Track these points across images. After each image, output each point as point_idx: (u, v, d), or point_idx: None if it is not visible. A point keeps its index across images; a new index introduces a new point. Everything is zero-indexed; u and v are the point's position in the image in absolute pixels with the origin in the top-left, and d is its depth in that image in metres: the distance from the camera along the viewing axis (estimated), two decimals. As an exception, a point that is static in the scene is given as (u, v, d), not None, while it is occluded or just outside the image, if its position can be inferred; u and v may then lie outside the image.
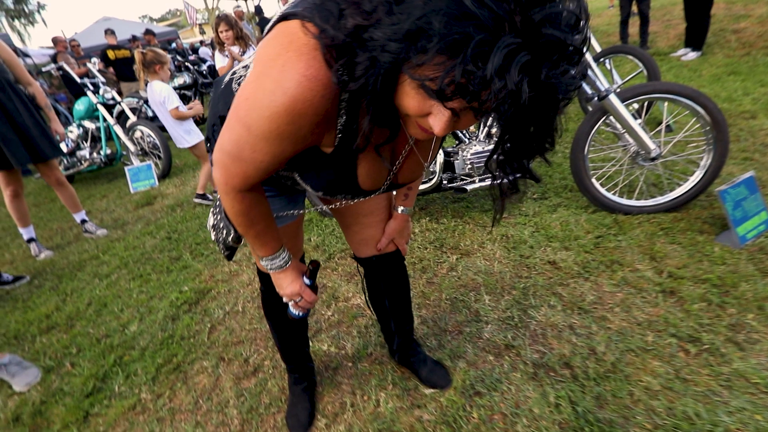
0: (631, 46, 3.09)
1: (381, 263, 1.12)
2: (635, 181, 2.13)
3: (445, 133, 0.53)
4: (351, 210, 1.01)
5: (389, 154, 0.77)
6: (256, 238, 0.79)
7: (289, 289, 0.87)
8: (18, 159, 2.44)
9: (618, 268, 1.62)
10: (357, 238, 1.08)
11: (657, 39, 5.55)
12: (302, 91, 0.52)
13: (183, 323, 1.80)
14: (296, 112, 0.54)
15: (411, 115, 0.54)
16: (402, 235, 1.08)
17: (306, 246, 2.23)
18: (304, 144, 0.62)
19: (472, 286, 1.68)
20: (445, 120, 0.50)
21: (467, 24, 0.39)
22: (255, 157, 0.61)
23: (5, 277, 2.51)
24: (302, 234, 1.06)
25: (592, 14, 8.75)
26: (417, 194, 2.13)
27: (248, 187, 0.69)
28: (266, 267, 0.85)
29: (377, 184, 0.79)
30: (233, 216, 0.74)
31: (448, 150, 2.09)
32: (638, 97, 1.80)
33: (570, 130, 3.16)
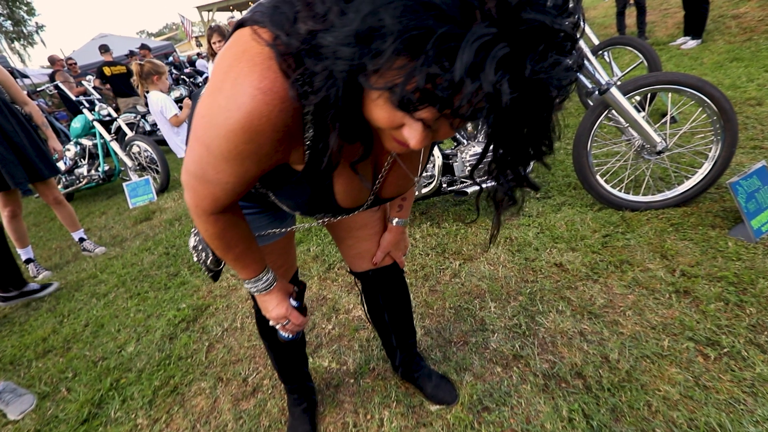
0: (629, 37, 3.02)
1: (378, 277, 1.06)
2: (641, 175, 2.06)
3: (424, 145, 0.46)
4: (343, 223, 0.96)
5: (371, 168, 0.71)
6: (235, 261, 0.74)
7: (274, 312, 0.81)
8: (15, 179, 2.42)
9: (628, 268, 1.55)
10: (351, 252, 1.02)
11: (655, 29, 5.48)
12: (257, 106, 0.47)
13: (180, 342, 1.75)
14: (253, 129, 0.48)
15: (382, 128, 0.48)
16: (398, 247, 1.02)
17: (305, 257, 2.18)
18: (269, 162, 0.56)
19: (477, 292, 1.62)
20: (421, 132, 0.44)
21: (426, 16, 0.32)
22: (219, 177, 0.56)
23: (32, 286, 2.50)
24: (294, 250, 1.00)
25: (587, 7, 8.70)
26: (416, 199, 2.07)
27: (220, 208, 0.64)
28: (250, 290, 0.80)
29: (359, 200, 0.73)
30: (208, 239, 0.69)
31: (447, 152, 2.03)
32: (640, 89, 1.74)
33: (571, 125, 3.09)
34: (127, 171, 4.25)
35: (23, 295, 2.46)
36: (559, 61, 0.36)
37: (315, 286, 1.91)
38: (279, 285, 0.82)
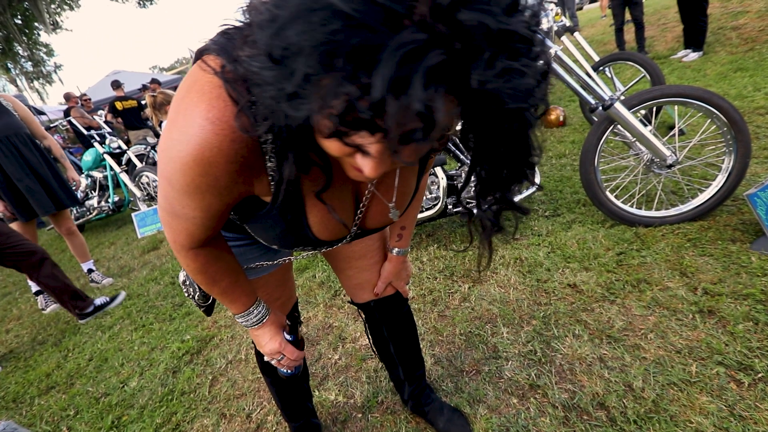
0: (630, 52, 3.03)
1: (381, 308, 1.01)
2: (653, 190, 2.00)
3: (379, 173, 0.41)
4: (341, 254, 0.92)
5: (351, 197, 0.65)
6: (222, 296, 0.71)
7: (268, 347, 0.77)
8: (44, 208, 2.58)
9: (646, 287, 1.48)
10: (351, 283, 0.98)
11: (655, 43, 5.51)
12: (206, 137, 0.44)
13: (184, 376, 1.70)
14: (205, 161, 0.46)
15: (335, 155, 0.43)
16: (400, 277, 0.97)
17: (310, 283, 2.13)
18: (232, 195, 0.53)
19: (488, 317, 1.55)
20: (371, 160, 0.40)
21: (338, 26, 0.27)
22: (186, 212, 0.54)
23: (101, 300, 2.53)
24: (292, 281, 0.96)
25: (585, 25, 8.83)
26: (422, 221, 2.04)
27: (197, 243, 0.61)
28: (242, 324, 0.76)
29: (339, 232, 0.67)
30: (191, 274, 0.66)
31: (451, 173, 2.01)
32: (645, 103, 1.71)
33: (577, 141, 3.07)
34: (136, 201, 4.31)
35: (97, 309, 2.51)
36: (511, 67, 0.30)
37: (321, 314, 1.86)
38: (272, 318, 0.78)
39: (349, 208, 0.66)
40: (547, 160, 2.89)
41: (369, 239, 0.92)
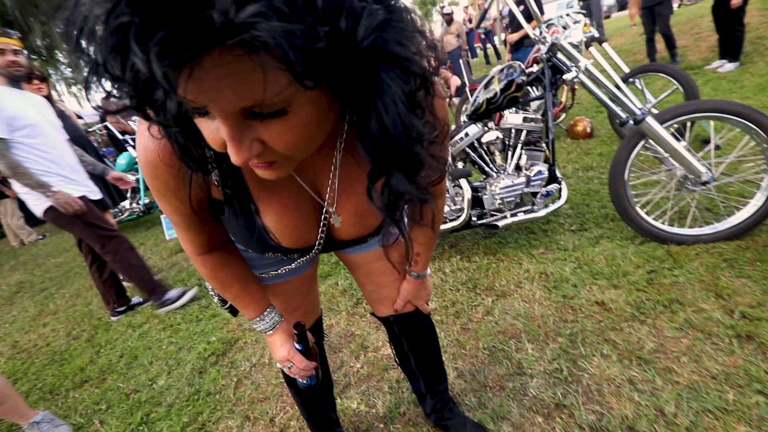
0: (661, 63, 2.96)
1: (401, 323, 1.02)
2: (686, 207, 1.94)
3: (246, 159, 0.38)
4: (362, 268, 0.93)
5: (310, 204, 0.62)
6: (234, 300, 0.75)
7: (278, 354, 0.79)
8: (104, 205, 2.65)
9: (678, 308, 1.44)
10: (372, 297, 0.99)
11: (688, 53, 5.35)
12: (146, 142, 0.50)
13: (210, 377, 1.75)
14: (150, 164, 0.51)
15: (215, 148, 0.40)
16: (419, 296, 0.96)
17: (333, 290, 2.16)
18: (187, 197, 0.55)
19: (512, 332, 1.54)
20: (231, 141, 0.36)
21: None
22: (171, 218, 0.60)
23: (135, 300, 2.68)
24: (315, 293, 0.97)
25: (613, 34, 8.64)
26: (446, 232, 2.04)
27: (201, 249, 0.67)
28: (256, 329, 0.79)
29: (300, 239, 0.65)
30: (205, 279, 0.71)
31: (476, 185, 2.00)
32: (679, 118, 1.67)
33: (604, 154, 3.01)
34: (166, 203, 4.47)
35: (130, 308, 2.64)
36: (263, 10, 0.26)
37: (343, 321, 1.88)
38: (284, 326, 0.80)
39: (309, 215, 0.64)
40: (574, 172, 2.84)
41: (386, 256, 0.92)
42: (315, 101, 0.37)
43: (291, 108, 0.36)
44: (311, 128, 0.39)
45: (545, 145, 1.89)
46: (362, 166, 0.57)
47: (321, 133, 0.42)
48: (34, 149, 2.07)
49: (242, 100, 0.33)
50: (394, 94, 0.36)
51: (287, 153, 0.39)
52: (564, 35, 1.81)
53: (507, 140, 1.93)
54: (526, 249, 2.04)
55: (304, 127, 0.38)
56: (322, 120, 0.40)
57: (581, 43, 1.83)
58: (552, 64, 1.82)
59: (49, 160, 2.13)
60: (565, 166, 3.01)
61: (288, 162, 0.43)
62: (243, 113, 0.35)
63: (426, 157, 0.43)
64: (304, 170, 0.59)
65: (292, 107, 0.36)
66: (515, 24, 4.63)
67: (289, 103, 0.35)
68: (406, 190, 0.44)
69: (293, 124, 0.37)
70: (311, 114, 0.38)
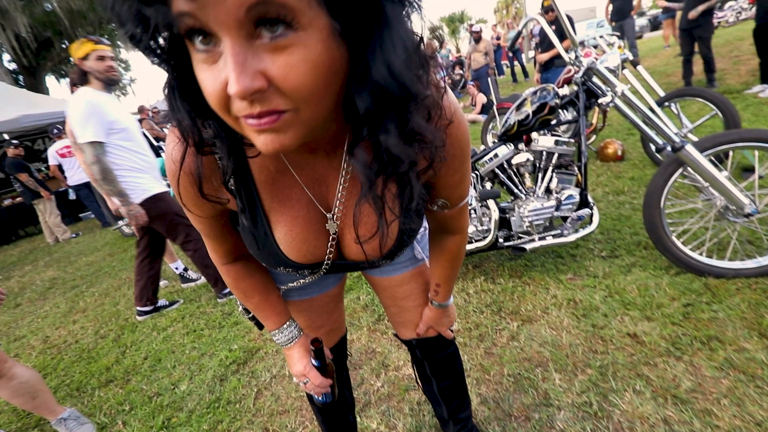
0: (700, 88, 2.87)
1: (423, 347, 1.00)
2: (726, 238, 1.86)
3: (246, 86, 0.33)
4: (387, 291, 0.93)
5: (320, 219, 0.62)
6: (255, 311, 0.77)
7: (295, 368, 0.79)
8: None
9: (718, 346, 1.37)
10: (396, 320, 0.98)
11: (726, 76, 5.19)
12: (170, 152, 0.53)
13: (230, 385, 1.76)
14: (171, 172, 0.53)
15: (215, 107, 0.38)
16: (441, 323, 0.94)
17: (354, 305, 2.16)
18: (207, 206, 0.59)
19: (538, 360, 1.49)
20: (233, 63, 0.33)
21: None
22: (195, 225, 0.64)
23: (162, 302, 2.76)
24: (340, 312, 0.97)
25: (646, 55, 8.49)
26: (471, 252, 2.02)
27: (225, 258, 0.70)
28: (275, 341, 0.80)
29: (311, 255, 0.64)
30: (230, 288, 0.74)
31: (503, 206, 1.98)
32: (720, 147, 1.61)
33: (636, 178, 2.93)
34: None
35: (156, 309, 2.71)
36: None
37: (364, 337, 1.87)
38: (302, 340, 0.80)
39: (319, 231, 0.63)
40: (604, 195, 2.77)
41: (413, 282, 0.90)
42: (325, 40, 0.35)
43: (301, 30, 0.34)
44: (321, 71, 0.36)
45: (577, 168, 1.86)
46: None
47: (330, 89, 0.39)
48: (129, 151, 2.23)
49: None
50: (399, 31, 0.37)
51: (295, 94, 0.35)
52: (600, 59, 1.79)
53: (538, 162, 1.91)
54: (553, 273, 1.99)
55: (314, 65, 0.35)
56: (330, 73, 0.37)
57: (618, 68, 1.81)
58: (587, 87, 1.80)
59: (142, 160, 2.30)
60: (594, 189, 2.94)
61: (295, 121, 0.38)
62: (249, 25, 0.33)
63: (416, 116, 0.42)
64: (315, 183, 0.59)
65: (303, 33, 0.34)
66: (546, 43, 4.61)
67: (299, 21, 0.33)
68: (395, 146, 0.42)
69: (304, 57, 0.34)
70: (321, 53, 0.35)
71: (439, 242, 0.79)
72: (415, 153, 0.44)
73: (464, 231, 0.77)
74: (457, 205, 0.67)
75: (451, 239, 0.77)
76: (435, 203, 0.66)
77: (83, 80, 2.14)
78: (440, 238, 0.78)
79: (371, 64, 0.37)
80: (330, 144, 0.54)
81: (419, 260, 0.90)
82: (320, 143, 0.53)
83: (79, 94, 2.09)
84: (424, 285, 0.92)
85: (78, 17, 11.96)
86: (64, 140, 5.99)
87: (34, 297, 3.87)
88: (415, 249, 0.90)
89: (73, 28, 12.13)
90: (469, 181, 0.66)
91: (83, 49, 2.10)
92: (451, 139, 0.53)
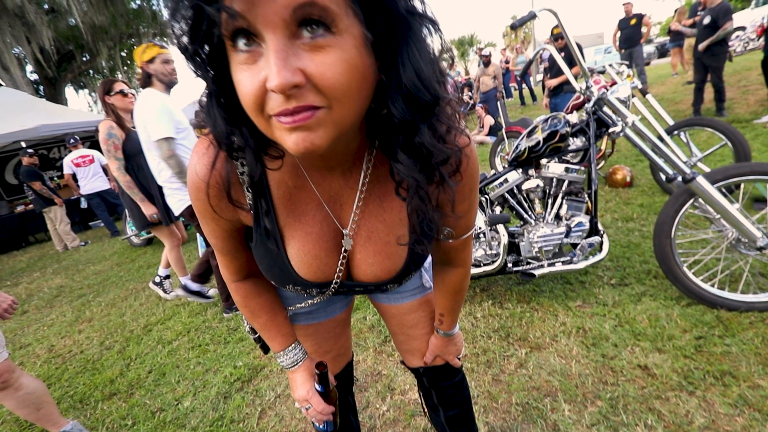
0: (710, 118, 2.89)
1: (430, 375, 0.99)
2: (738, 270, 1.84)
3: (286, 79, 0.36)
4: (395, 318, 0.93)
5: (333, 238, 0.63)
6: (261, 331, 0.77)
7: (297, 393, 0.78)
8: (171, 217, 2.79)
9: (731, 381, 1.34)
10: (403, 348, 0.98)
11: (735, 106, 5.22)
12: (194, 166, 0.55)
13: (234, 403, 1.75)
14: (195, 185, 0.56)
15: (250, 107, 0.40)
16: (447, 352, 0.93)
17: (360, 325, 2.15)
18: (224, 219, 0.61)
19: (547, 389, 1.47)
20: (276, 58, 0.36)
21: None
22: (209, 239, 0.65)
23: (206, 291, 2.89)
24: (347, 338, 0.97)
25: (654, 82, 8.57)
26: (479, 276, 2.01)
27: (235, 276, 0.71)
28: (280, 364, 0.80)
29: (322, 274, 0.66)
30: (238, 306, 0.75)
31: (512, 230, 1.99)
32: (731, 180, 1.62)
33: (645, 205, 2.93)
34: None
35: (195, 294, 2.85)
36: None
37: (370, 359, 1.86)
38: (306, 364, 0.80)
39: (331, 249, 0.64)
40: (613, 222, 2.77)
41: (421, 311, 0.90)
42: (359, 47, 0.39)
43: (339, 34, 0.37)
44: (355, 73, 0.39)
45: (587, 196, 1.87)
46: (384, 203, 0.61)
47: (362, 93, 0.42)
48: (188, 150, 2.30)
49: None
50: (423, 42, 0.42)
51: (330, 91, 0.38)
52: (611, 90, 1.82)
53: (548, 189, 1.92)
54: (562, 300, 1.98)
55: (349, 66, 0.38)
56: (361, 77, 0.40)
57: (628, 98, 1.84)
58: (597, 117, 1.83)
59: None
60: (603, 215, 2.94)
61: (327, 119, 0.40)
62: (293, 28, 0.36)
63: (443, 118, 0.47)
64: (330, 201, 0.61)
65: (340, 37, 0.37)
66: (555, 69, 4.69)
67: (337, 26, 0.37)
68: (430, 144, 0.46)
69: (340, 57, 0.38)
70: (355, 56, 0.39)
71: (441, 275, 0.81)
72: (446, 151, 0.48)
73: (467, 265, 0.78)
74: (462, 236, 0.69)
75: (454, 272, 0.78)
76: (441, 232, 0.67)
77: (147, 82, 2.23)
78: (443, 271, 0.80)
79: (401, 72, 0.41)
80: (348, 162, 0.57)
81: (427, 288, 0.91)
82: (340, 160, 0.56)
83: (146, 95, 2.18)
84: (432, 313, 0.92)
85: (100, 32, 12.38)
86: (80, 150, 6.13)
87: (41, 304, 3.90)
88: (423, 277, 0.90)
89: (94, 42, 12.55)
90: (475, 213, 0.68)
91: (149, 52, 2.19)
92: (462, 166, 0.55)
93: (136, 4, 13.29)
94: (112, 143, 2.57)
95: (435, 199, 0.53)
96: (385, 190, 0.61)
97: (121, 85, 2.58)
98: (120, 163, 2.60)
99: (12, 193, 8.85)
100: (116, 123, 2.59)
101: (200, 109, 0.48)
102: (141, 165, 2.62)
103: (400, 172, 0.49)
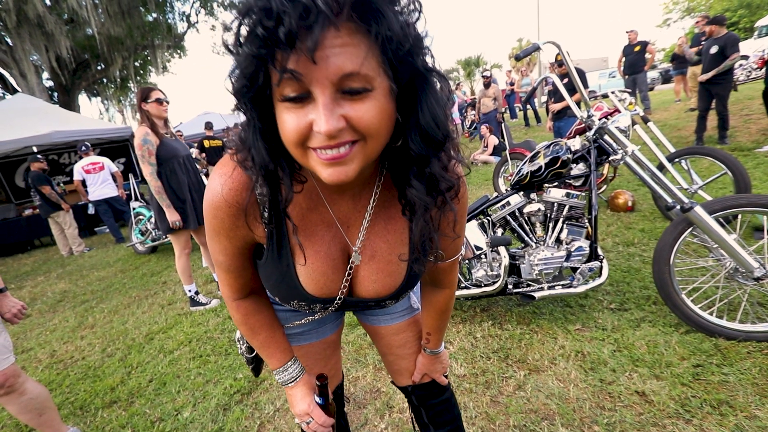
0: (711, 148, 2.94)
1: (418, 394, 1.02)
2: (737, 299, 1.86)
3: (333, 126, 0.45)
4: (384, 339, 0.97)
5: (341, 256, 0.69)
6: (260, 349, 0.79)
7: (298, 407, 0.80)
8: (199, 221, 2.87)
9: (728, 411, 1.35)
10: (393, 368, 1.01)
11: (737, 134, 5.28)
12: (214, 186, 0.60)
13: (233, 416, 1.76)
14: (214, 204, 0.60)
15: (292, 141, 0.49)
16: (434, 370, 0.97)
17: (361, 341, 2.17)
18: (237, 237, 0.64)
19: (545, 412, 1.48)
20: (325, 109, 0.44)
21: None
22: (217, 258, 0.68)
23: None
24: (337, 359, 1.00)
25: (657, 108, 8.67)
26: (479, 296, 2.04)
27: (237, 293, 0.74)
28: (278, 381, 0.82)
29: (325, 288, 0.70)
30: (237, 324, 0.78)
31: (513, 252, 2.02)
32: (729, 211, 1.65)
33: (646, 230, 2.95)
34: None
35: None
36: None
37: (369, 375, 1.87)
38: (305, 379, 0.82)
39: (337, 266, 0.70)
40: (614, 246, 2.79)
41: (409, 331, 0.95)
42: (387, 96, 0.48)
43: (373, 90, 0.46)
44: (384, 116, 0.48)
45: (587, 221, 1.90)
46: (388, 225, 0.68)
47: (387, 132, 0.51)
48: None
49: (348, 64, 0.43)
50: (437, 92, 0.51)
51: (366, 131, 0.47)
52: (612, 119, 1.88)
53: (549, 213, 1.97)
54: (561, 323, 2.00)
55: (380, 111, 0.47)
56: (389, 119, 0.50)
57: (629, 128, 1.89)
58: (598, 145, 1.88)
59: None
60: (604, 239, 2.97)
61: (360, 152, 0.49)
62: (338, 87, 0.45)
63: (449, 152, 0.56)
64: (341, 221, 0.67)
65: (374, 91, 0.46)
66: (558, 93, 4.79)
67: (373, 86, 0.46)
68: (439, 174, 0.55)
69: (375, 105, 0.47)
70: (386, 105, 0.48)
71: (429, 296, 0.86)
72: (450, 179, 0.57)
73: (453, 286, 0.85)
74: (450, 258, 0.75)
75: (441, 293, 0.84)
76: (434, 253, 0.72)
77: None
78: (431, 292, 0.85)
79: (420, 115, 0.51)
80: (359, 187, 0.64)
81: (415, 309, 0.96)
82: (353, 185, 0.63)
83: None
84: (419, 333, 0.97)
85: (116, 43, 12.74)
86: (91, 156, 6.25)
87: (44, 309, 3.93)
88: (411, 299, 0.96)
89: (110, 52, 12.91)
90: (463, 237, 0.74)
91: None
92: (460, 192, 0.63)
93: (152, 17, 13.71)
94: (147, 149, 2.65)
95: (437, 221, 0.60)
96: (390, 213, 0.68)
97: (158, 93, 2.66)
98: (153, 168, 2.68)
99: (20, 197, 8.99)
100: (151, 129, 2.67)
101: (239, 139, 0.55)
102: (174, 170, 2.74)
103: (412, 197, 0.57)
